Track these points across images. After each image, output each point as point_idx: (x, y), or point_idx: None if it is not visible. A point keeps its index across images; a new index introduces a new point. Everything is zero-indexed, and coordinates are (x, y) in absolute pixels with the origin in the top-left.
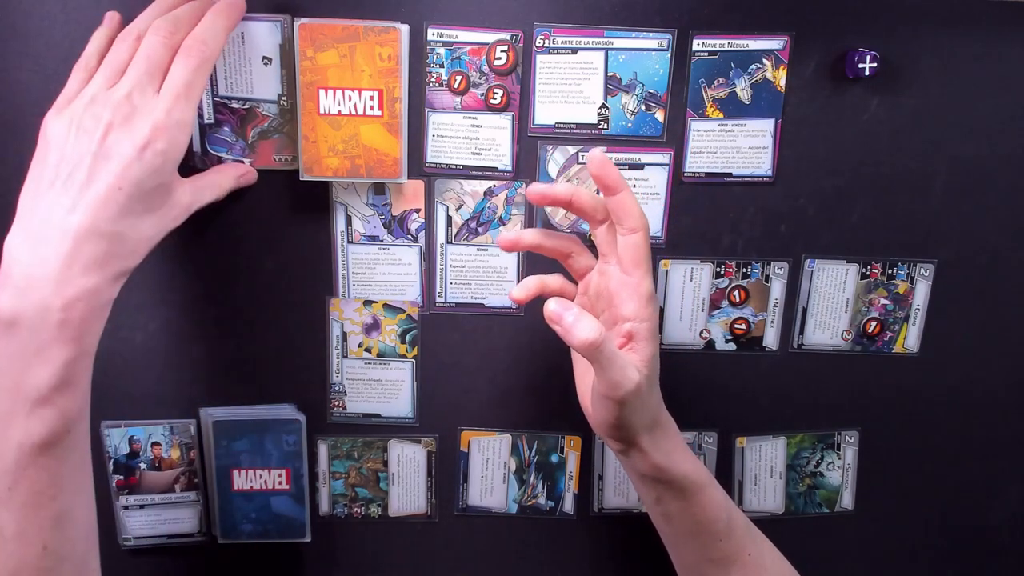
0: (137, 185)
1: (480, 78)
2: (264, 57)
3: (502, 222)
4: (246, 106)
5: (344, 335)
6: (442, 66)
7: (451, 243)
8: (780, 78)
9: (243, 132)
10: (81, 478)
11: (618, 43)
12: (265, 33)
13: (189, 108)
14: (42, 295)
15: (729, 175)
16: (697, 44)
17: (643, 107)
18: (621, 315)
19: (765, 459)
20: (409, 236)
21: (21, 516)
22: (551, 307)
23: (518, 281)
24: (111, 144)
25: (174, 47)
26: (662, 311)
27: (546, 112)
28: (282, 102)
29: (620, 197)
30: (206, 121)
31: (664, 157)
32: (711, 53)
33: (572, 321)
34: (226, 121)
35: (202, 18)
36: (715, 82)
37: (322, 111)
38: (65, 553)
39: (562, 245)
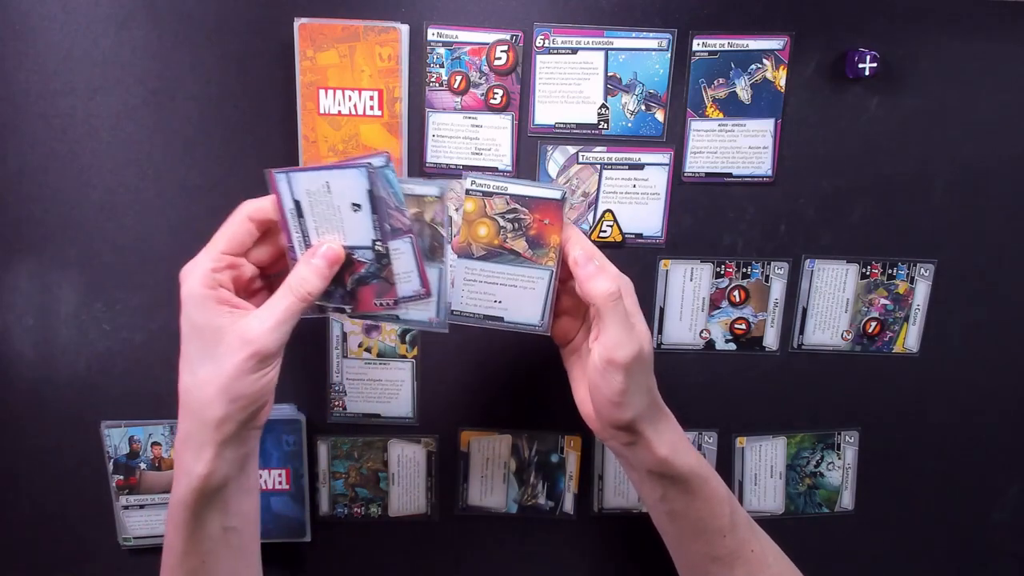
0: (183, 335)
1: (480, 78)
2: (353, 204)
3: None
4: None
5: (344, 335)
6: (442, 66)
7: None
8: (780, 78)
9: (341, 279)
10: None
11: (618, 43)
12: (351, 179)
13: (207, 257)
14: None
15: (729, 175)
16: (697, 44)
17: (643, 107)
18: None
19: (765, 459)
20: None
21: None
22: (577, 252)
23: None
24: None
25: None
26: (662, 311)
27: (546, 112)
28: (377, 247)
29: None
30: None
31: (664, 157)
32: (711, 53)
33: (595, 270)
34: None
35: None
36: (715, 82)
37: (322, 111)
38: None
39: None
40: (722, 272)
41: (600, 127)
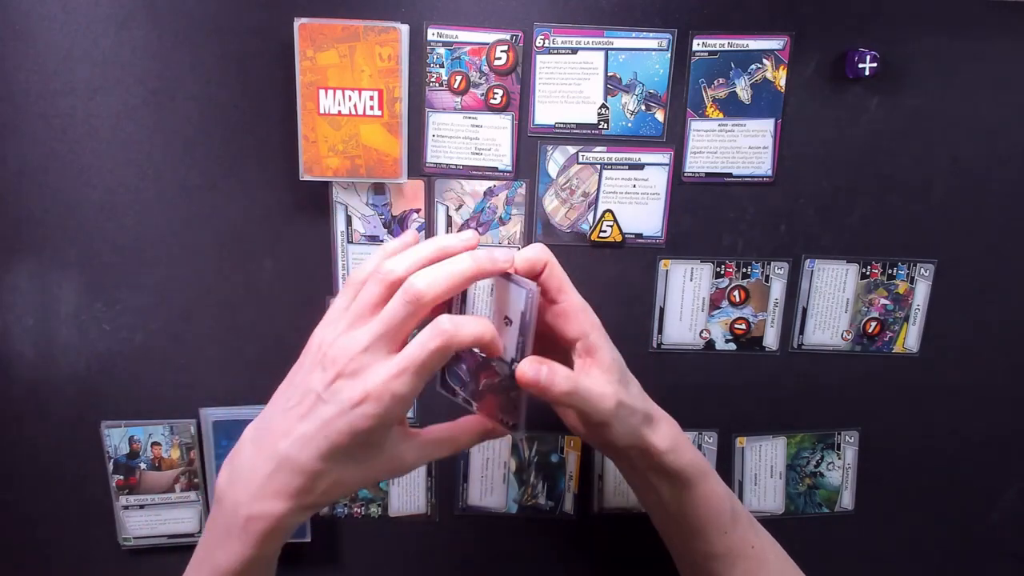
0: (340, 436)
1: (480, 78)
2: (506, 317)
3: (502, 222)
4: (484, 354)
5: None
6: (442, 66)
7: None
8: (780, 78)
9: (476, 377)
10: None
11: (618, 43)
12: (512, 294)
13: (412, 384)
14: (238, 497)
15: (729, 175)
16: (697, 44)
17: (643, 107)
18: (568, 339)
19: (765, 459)
20: None
21: None
22: (525, 371)
23: None
24: (334, 391)
25: (420, 314)
26: (662, 311)
27: (546, 112)
28: (514, 366)
29: (517, 263)
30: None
31: (664, 157)
32: (711, 53)
33: (547, 380)
34: (466, 360)
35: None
36: (715, 82)
37: (322, 111)
38: None
39: None
40: (722, 272)
41: (600, 127)
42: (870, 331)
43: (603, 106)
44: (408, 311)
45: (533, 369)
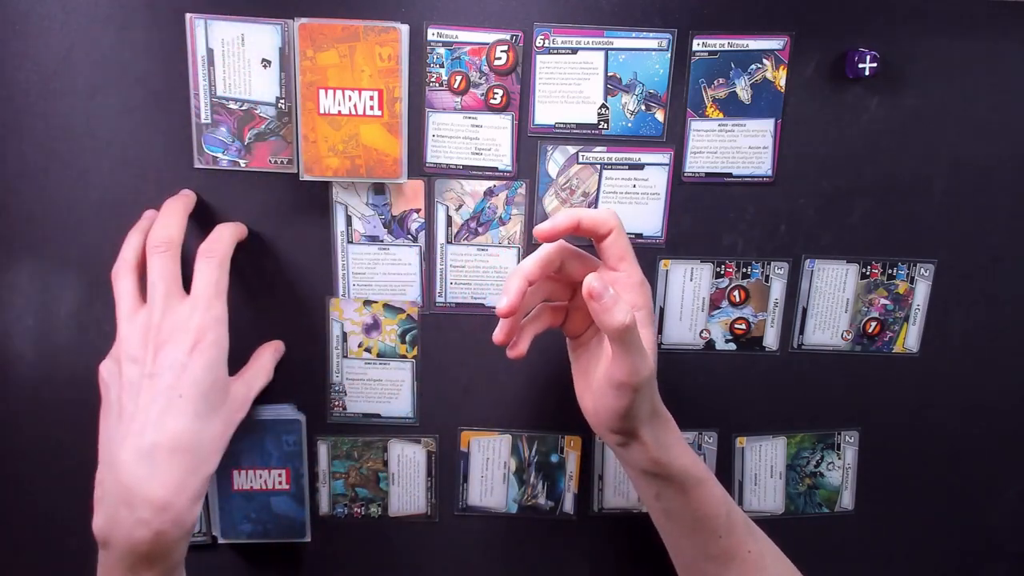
0: (196, 386)
1: (480, 78)
2: (263, 59)
3: (502, 222)
4: (243, 107)
5: (344, 335)
6: (442, 66)
7: (451, 243)
8: (780, 78)
9: (240, 133)
10: None
11: (618, 43)
12: (265, 35)
13: (220, 303)
14: (136, 516)
15: (729, 175)
16: (697, 44)
17: (643, 107)
18: None
19: (765, 459)
20: (409, 236)
21: None
22: (593, 283)
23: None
24: (160, 361)
25: (177, 255)
26: (662, 311)
27: (546, 112)
28: (280, 105)
29: (583, 221)
30: (203, 121)
31: (664, 157)
32: (711, 53)
33: (611, 301)
34: (223, 121)
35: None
36: (715, 82)
37: (322, 111)
38: None
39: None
40: (722, 272)
41: (600, 127)
42: (870, 331)
43: (603, 106)
44: (167, 257)
45: (602, 284)
